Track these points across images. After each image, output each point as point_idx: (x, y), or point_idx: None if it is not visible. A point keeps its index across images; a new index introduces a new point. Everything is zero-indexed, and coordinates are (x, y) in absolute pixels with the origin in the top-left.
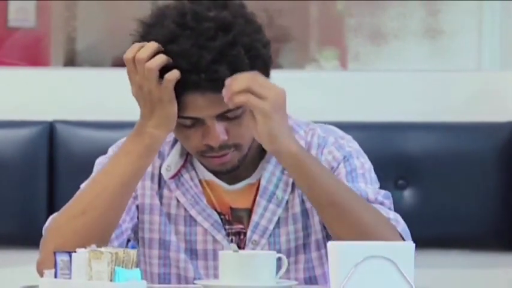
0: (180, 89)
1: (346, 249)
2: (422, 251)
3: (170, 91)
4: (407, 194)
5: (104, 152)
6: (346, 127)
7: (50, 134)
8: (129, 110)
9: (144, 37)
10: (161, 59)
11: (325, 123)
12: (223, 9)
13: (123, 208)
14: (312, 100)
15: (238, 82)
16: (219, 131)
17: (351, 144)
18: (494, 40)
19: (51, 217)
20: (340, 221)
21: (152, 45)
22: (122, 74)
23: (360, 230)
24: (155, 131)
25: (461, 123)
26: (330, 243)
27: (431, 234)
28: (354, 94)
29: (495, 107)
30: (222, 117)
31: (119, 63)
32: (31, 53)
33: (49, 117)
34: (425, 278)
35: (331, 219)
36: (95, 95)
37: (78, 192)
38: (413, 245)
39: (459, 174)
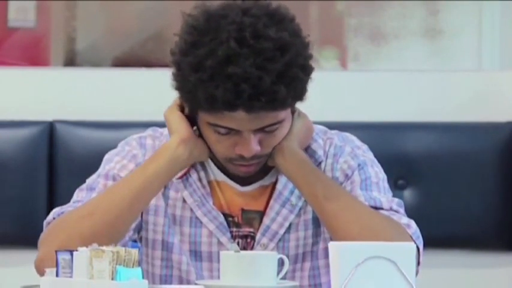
0: (228, 105)
1: (347, 249)
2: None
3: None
4: (407, 194)
5: (104, 152)
6: (346, 127)
7: (50, 134)
8: (129, 110)
9: (195, 44)
10: None
11: (325, 123)
12: (280, 26)
13: (132, 218)
14: (312, 100)
15: None
16: (254, 143)
17: (366, 154)
18: (494, 40)
19: (54, 211)
20: (337, 217)
21: None
22: (121, 74)
23: (362, 229)
24: (178, 150)
25: (461, 123)
26: (330, 244)
27: (431, 234)
28: (354, 94)
29: (495, 107)
30: (259, 130)
31: (119, 63)
32: (31, 53)
33: (49, 117)
34: (426, 278)
35: (328, 215)
36: (95, 95)
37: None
38: (415, 245)
39: (459, 174)
